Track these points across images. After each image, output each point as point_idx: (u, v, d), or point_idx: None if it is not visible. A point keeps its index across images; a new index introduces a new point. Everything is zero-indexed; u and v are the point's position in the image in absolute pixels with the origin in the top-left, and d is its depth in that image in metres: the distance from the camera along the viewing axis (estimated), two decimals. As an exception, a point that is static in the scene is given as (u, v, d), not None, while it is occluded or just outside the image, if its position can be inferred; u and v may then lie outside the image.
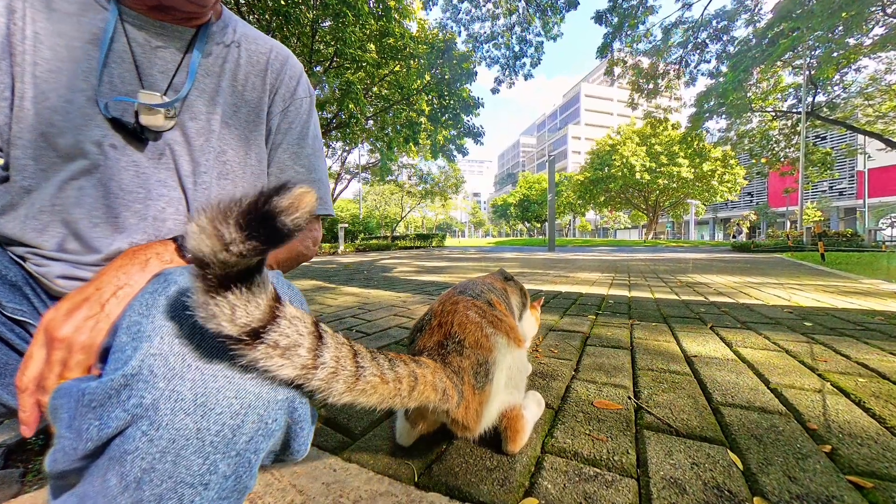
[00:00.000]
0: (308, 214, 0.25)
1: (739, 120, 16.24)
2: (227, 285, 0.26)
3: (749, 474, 0.62)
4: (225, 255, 0.24)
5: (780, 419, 0.79)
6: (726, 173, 25.57)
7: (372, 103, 11.69)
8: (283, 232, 0.25)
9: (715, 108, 13.37)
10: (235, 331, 0.27)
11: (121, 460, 0.27)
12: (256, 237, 0.24)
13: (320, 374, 0.31)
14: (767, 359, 1.21)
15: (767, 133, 16.76)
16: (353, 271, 4.89)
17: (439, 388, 0.48)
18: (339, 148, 16.82)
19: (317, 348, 0.31)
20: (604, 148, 31.03)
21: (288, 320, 0.30)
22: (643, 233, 42.24)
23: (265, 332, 0.28)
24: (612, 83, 12.99)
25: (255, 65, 0.64)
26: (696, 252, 11.53)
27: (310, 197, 0.25)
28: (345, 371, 0.33)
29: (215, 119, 0.58)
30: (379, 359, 0.39)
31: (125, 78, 0.53)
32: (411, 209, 31.90)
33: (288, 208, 0.25)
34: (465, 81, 10.94)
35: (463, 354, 0.56)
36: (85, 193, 0.50)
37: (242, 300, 0.26)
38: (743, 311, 2.03)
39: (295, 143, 0.67)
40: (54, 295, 0.51)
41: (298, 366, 0.30)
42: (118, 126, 0.51)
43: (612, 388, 0.97)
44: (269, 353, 0.28)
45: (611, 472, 0.63)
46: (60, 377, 0.35)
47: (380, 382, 0.37)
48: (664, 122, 15.69)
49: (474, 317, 0.62)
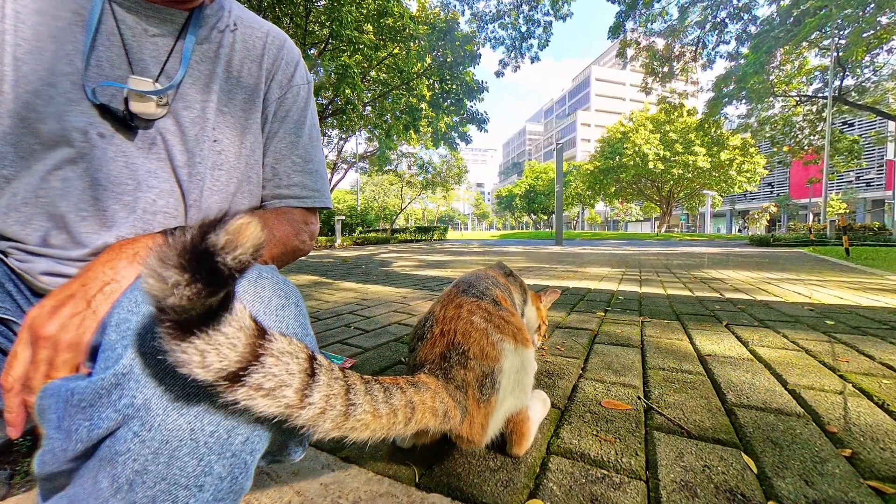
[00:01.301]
0: (253, 249, 0.23)
1: (760, 105, 15.98)
2: (188, 330, 0.24)
3: (764, 478, 0.62)
4: (173, 299, 0.22)
5: (797, 421, 0.80)
6: (745, 162, 25.30)
7: (370, 88, 11.59)
8: (225, 273, 0.23)
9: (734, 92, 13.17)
10: (210, 376, 0.25)
11: (112, 462, 0.27)
12: (200, 279, 0.22)
13: (306, 413, 0.31)
14: (786, 358, 1.21)
15: (790, 119, 16.50)
16: (352, 266, 4.91)
17: (440, 411, 0.48)
18: (336, 136, 16.73)
19: (306, 388, 0.30)
20: (615, 135, 30.72)
21: (275, 357, 0.28)
22: (655, 226, 41.99)
23: (246, 374, 0.27)
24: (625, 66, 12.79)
25: (251, 50, 0.63)
26: (712, 246, 11.47)
27: (252, 229, 0.23)
28: (333, 410, 0.33)
29: (210, 107, 0.58)
30: (374, 390, 0.39)
31: (114, 62, 0.52)
32: (411, 200, 31.82)
33: (226, 245, 0.22)
34: (469, 64, 10.80)
35: (467, 367, 0.56)
36: (70, 185, 0.50)
37: (212, 343, 0.25)
38: (760, 309, 2.02)
39: (291, 131, 0.67)
40: (38, 292, 0.51)
41: (283, 405, 0.29)
42: (106, 113, 0.51)
43: (620, 388, 0.98)
44: (251, 395, 0.27)
45: (619, 474, 0.63)
46: (47, 377, 0.36)
47: (371, 419, 0.37)
48: (679, 107, 15.46)
49: (479, 323, 0.62)
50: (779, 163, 20.05)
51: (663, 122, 28.20)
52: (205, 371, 0.25)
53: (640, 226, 57.14)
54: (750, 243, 12.97)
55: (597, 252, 8.21)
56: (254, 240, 0.23)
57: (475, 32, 10.27)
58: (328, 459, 0.69)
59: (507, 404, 0.62)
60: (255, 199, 0.66)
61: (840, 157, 16.33)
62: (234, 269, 0.23)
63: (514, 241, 18.45)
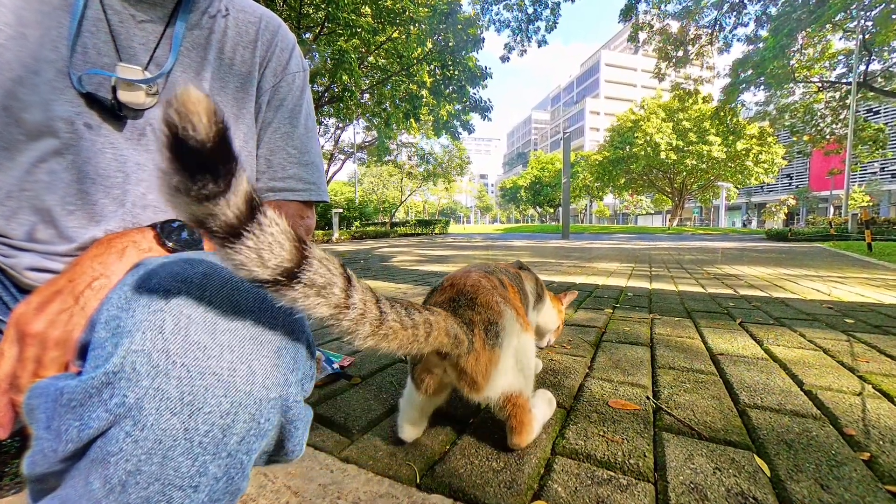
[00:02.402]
0: (206, 115, 0.22)
1: (780, 92, 15.76)
2: (235, 234, 0.26)
3: (777, 481, 0.62)
4: (195, 207, 0.24)
5: (813, 423, 0.80)
6: (763, 152, 25.01)
7: (368, 74, 11.50)
8: (204, 148, 0.22)
9: (752, 78, 12.98)
10: (269, 274, 0.28)
11: (104, 462, 0.28)
12: (195, 173, 0.23)
13: (351, 314, 0.34)
14: (802, 358, 1.21)
15: (812, 107, 16.28)
16: (350, 260, 4.92)
17: (451, 332, 0.53)
18: (332, 125, 16.67)
19: (347, 289, 0.34)
20: (625, 124, 30.41)
21: (318, 261, 0.32)
22: (667, 219, 41.83)
23: (300, 272, 0.30)
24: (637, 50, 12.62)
25: (244, 35, 0.63)
26: (726, 240, 11.41)
27: (191, 92, 0.22)
28: (371, 314, 0.37)
29: None
30: (396, 306, 0.43)
31: (101, 49, 0.52)
32: (412, 193, 31.76)
33: (181, 119, 0.22)
34: (472, 49, 10.69)
35: (474, 310, 0.62)
36: (57, 178, 0.50)
37: (263, 243, 0.27)
38: (776, 306, 2.02)
39: (286, 121, 0.66)
40: (24, 288, 0.52)
41: (333, 304, 0.32)
42: (93, 103, 0.51)
43: (629, 387, 0.98)
44: (307, 293, 0.31)
45: (626, 476, 0.64)
46: (35, 375, 0.36)
47: (400, 328, 0.42)
48: (694, 94, 15.27)
49: (486, 284, 0.69)
50: (798, 153, 19.86)
51: (676, 110, 27.88)
52: (264, 269, 0.27)
53: (650, 219, 56.90)
54: (766, 238, 12.90)
55: (605, 246, 8.19)
56: (200, 104, 0.22)
57: (479, 15, 10.15)
58: (327, 459, 0.69)
59: (510, 376, 0.64)
60: None
61: (864, 146, 16.12)
62: (205, 141, 0.22)
63: (518, 234, 18.43)
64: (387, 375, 1.07)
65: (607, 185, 33.38)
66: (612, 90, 74.93)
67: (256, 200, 0.27)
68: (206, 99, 0.22)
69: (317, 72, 10.18)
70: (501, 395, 0.64)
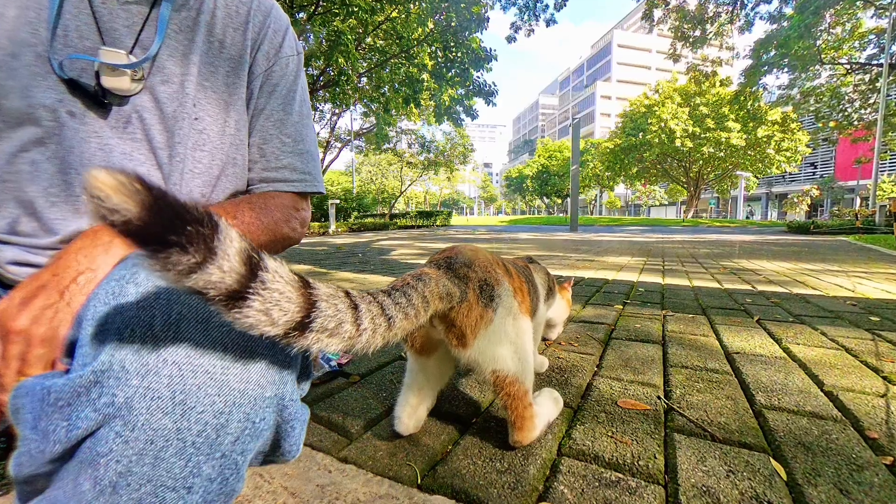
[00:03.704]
0: (113, 187, 0.20)
1: (805, 74, 15.48)
2: (240, 297, 0.26)
3: (794, 485, 0.63)
4: (186, 281, 0.23)
5: (833, 426, 0.80)
6: (785, 140, 24.72)
7: (365, 57, 11.39)
8: (132, 228, 0.21)
9: (775, 59, 12.75)
10: (280, 330, 0.29)
11: (93, 463, 0.28)
12: (157, 246, 0.22)
13: (363, 338, 0.37)
14: (823, 357, 1.20)
15: (839, 90, 15.99)
16: (347, 254, 4.93)
17: (444, 294, 0.54)
18: (328, 111, 16.58)
19: (356, 318, 0.36)
20: (638, 109, 30.10)
21: (326, 301, 0.33)
22: (682, 210, 41.55)
23: (311, 321, 0.31)
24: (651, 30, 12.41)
25: (235, 17, 0.62)
26: (744, 233, 11.34)
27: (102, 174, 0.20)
28: (380, 328, 0.40)
29: (190, 81, 0.57)
30: (397, 298, 0.45)
31: (83, 32, 0.51)
32: (412, 182, 31.67)
33: (104, 201, 0.20)
34: (476, 29, 10.54)
35: (471, 268, 0.63)
36: (39, 168, 0.50)
37: (271, 301, 0.28)
38: (797, 303, 2.01)
39: (279, 108, 0.66)
40: (6, 283, 0.52)
41: (345, 338, 0.35)
42: (76, 89, 0.51)
43: (639, 387, 0.98)
44: (319, 338, 0.32)
45: (635, 478, 0.64)
46: (19, 374, 0.36)
47: (405, 322, 0.44)
48: (712, 77, 15.04)
49: (489, 256, 0.71)
50: (824, 140, 19.58)
51: (693, 94, 27.53)
52: (274, 327, 0.28)
53: (664, 210, 56.56)
54: (788, 230, 12.81)
55: (615, 239, 8.16)
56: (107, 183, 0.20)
57: (483, -8, 9.98)
58: (325, 460, 0.70)
59: (500, 350, 0.64)
60: (241, 183, 0.66)
61: (895, 133, 15.86)
62: (136, 218, 0.20)
63: (524, 226, 18.37)
64: (386, 374, 1.08)
65: (618, 174, 33.14)
66: (625, 73, 73.94)
67: (255, 257, 0.27)
68: (112, 176, 0.20)
69: (311, 54, 10.09)
70: (492, 370, 0.64)
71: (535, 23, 9.96)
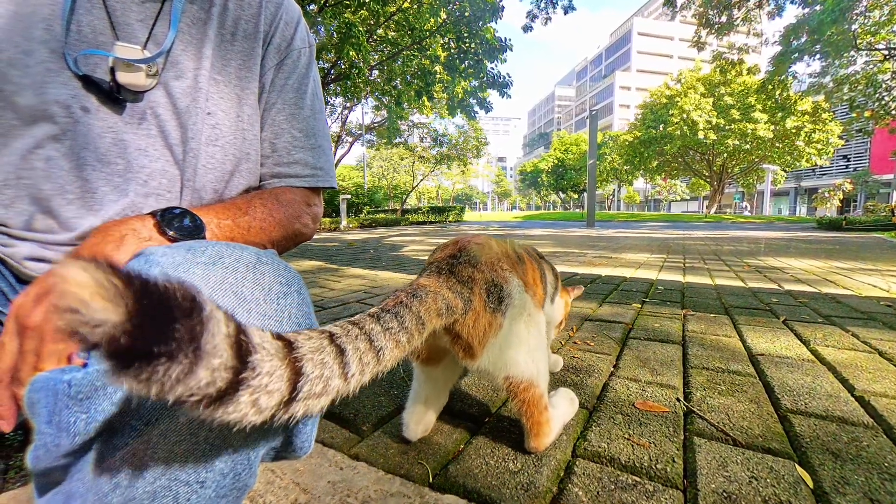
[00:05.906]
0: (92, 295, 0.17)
1: (839, 61, 14.79)
2: (224, 394, 0.23)
3: (820, 493, 0.61)
4: (179, 390, 0.20)
5: (864, 432, 0.77)
6: (816, 131, 23.75)
7: (377, 49, 11.39)
8: (119, 344, 0.17)
9: (807, 46, 12.22)
10: (267, 415, 0.26)
11: (109, 457, 0.29)
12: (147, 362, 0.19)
13: (352, 384, 0.33)
14: (854, 360, 1.16)
15: (875, 78, 15.23)
16: (359, 250, 4.97)
17: (442, 310, 0.50)
18: (339, 105, 16.67)
19: (343, 367, 0.32)
20: (659, 100, 29.35)
21: (311, 361, 0.29)
22: (704, 206, 40.49)
23: (298, 392, 0.27)
24: (674, 16, 12.04)
25: (246, 9, 0.63)
26: (771, 230, 10.99)
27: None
28: (369, 365, 0.36)
29: (202, 75, 0.58)
30: (391, 326, 0.42)
31: (96, 27, 0.52)
32: (424, 177, 31.65)
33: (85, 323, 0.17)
34: (490, 19, 10.41)
35: (476, 268, 0.59)
36: (54, 164, 0.51)
37: (260, 388, 0.24)
38: (826, 303, 1.94)
39: (291, 102, 0.66)
40: (23, 279, 0.53)
41: (334, 392, 0.31)
42: (90, 85, 0.51)
43: (657, 388, 0.97)
44: (308, 404, 0.28)
45: (652, 482, 0.63)
46: (35, 368, 0.37)
47: (396, 350, 0.41)
48: (738, 65, 14.51)
49: (496, 247, 0.66)
50: (858, 131, 18.70)
51: (717, 84, 26.67)
52: (260, 414, 0.25)
53: (685, 205, 55.23)
54: (817, 227, 12.35)
55: (634, 235, 8.02)
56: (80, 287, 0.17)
57: (498, -20, 9.84)
58: (336, 456, 0.71)
59: (513, 356, 0.61)
60: (254, 178, 0.67)
61: (936, 123, 15.07)
62: (123, 322, 0.17)
63: (539, 222, 18.21)
64: (397, 371, 1.09)
65: (638, 167, 32.43)
66: (645, 62, 72.09)
67: (244, 340, 0.24)
68: (86, 271, 0.17)
69: (322, 47, 10.14)
70: (504, 377, 0.62)
71: (552, 10, 9.76)
